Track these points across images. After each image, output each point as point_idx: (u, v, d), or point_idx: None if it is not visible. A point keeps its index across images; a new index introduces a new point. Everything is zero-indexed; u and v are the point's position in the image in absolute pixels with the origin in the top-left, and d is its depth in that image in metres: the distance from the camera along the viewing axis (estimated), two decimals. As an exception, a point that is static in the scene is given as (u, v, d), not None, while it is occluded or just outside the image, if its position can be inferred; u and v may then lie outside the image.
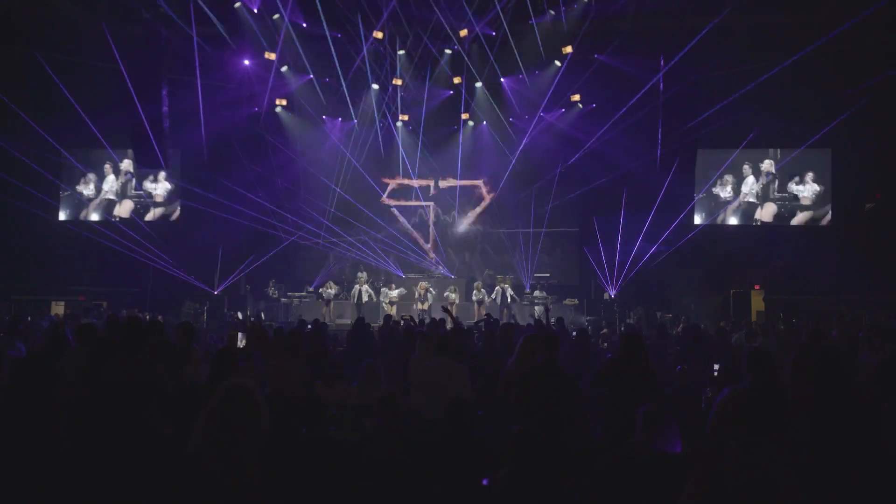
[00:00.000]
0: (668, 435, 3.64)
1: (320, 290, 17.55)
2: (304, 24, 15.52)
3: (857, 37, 13.92)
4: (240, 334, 7.44)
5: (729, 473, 2.86)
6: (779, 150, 18.40)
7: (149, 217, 19.66)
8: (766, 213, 18.78)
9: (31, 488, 3.16)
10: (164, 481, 2.69)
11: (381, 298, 17.22)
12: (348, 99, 17.68)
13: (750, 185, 18.73)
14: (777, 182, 18.70)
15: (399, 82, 16.74)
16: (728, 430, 3.79)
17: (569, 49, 15.56)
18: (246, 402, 2.58)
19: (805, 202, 18.56)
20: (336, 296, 17.47)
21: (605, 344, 10.41)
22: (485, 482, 4.07)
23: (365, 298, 17.04)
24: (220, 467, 2.50)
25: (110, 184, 19.72)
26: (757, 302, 16.90)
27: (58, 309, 16.31)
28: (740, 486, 3.12)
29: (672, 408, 4.55)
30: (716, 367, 7.18)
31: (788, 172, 18.60)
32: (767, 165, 18.67)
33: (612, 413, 4.73)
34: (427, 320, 13.70)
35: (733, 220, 18.81)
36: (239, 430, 2.54)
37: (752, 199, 18.75)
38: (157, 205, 19.82)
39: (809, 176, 18.48)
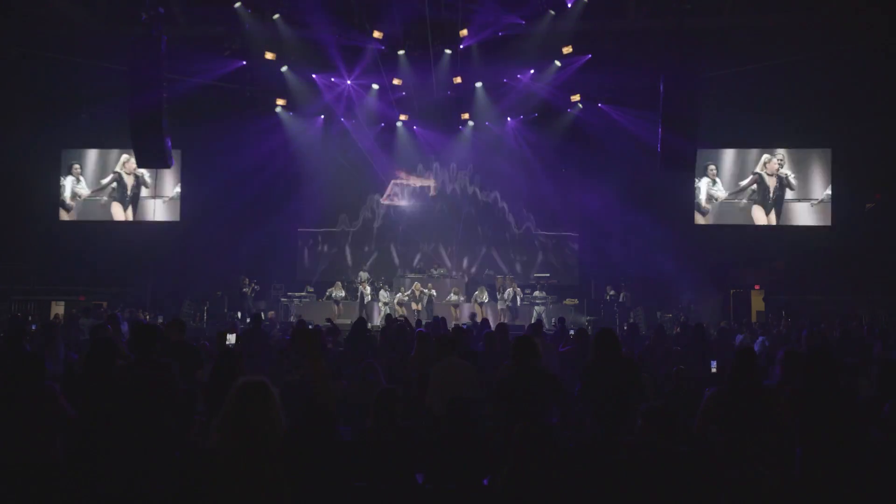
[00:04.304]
0: (667, 434, 3.63)
1: (331, 290, 17.52)
2: (304, 25, 15.49)
3: (858, 36, 13.93)
4: (229, 335, 7.38)
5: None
6: (779, 151, 18.34)
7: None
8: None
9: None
10: (181, 478, 2.70)
11: (377, 300, 17.22)
12: (348, 99, 17.65)
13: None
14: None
15: (399, 82, 16.71)
16: (713, 429, 3.81)
17: (569, 49, 15.53)
18: (262, 398, 2.59)
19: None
20: (344, 297, 17.50)
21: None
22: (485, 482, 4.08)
23: (367, 300, 17.11)
24: (240, 463, 2.51)
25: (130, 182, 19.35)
26: (757, 302, 16.89)
27: (58, 309, 16.31)
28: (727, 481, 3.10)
29: (671, 407, 4.55)
30: (713, 363, 7.17)
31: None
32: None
33: (599, 409, 4.77)
34: (423, 321, 13.72)
35: (731, 220, 18.68)
36: (257, 427, 2.55)
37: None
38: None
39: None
